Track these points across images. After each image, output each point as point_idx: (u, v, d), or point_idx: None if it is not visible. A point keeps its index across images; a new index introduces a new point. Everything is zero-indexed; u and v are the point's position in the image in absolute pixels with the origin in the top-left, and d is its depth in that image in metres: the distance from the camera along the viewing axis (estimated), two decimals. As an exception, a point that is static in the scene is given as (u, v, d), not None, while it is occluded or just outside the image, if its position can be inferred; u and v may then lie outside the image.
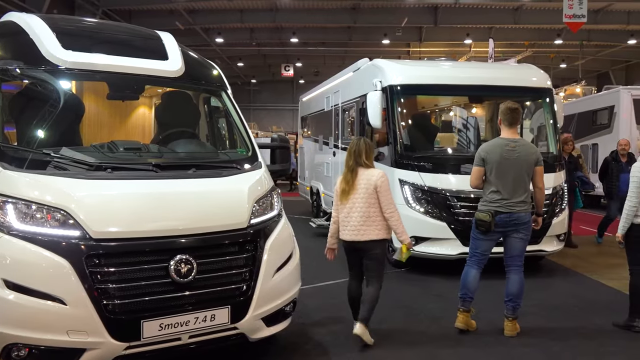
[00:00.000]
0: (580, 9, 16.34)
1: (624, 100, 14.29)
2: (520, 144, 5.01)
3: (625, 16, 23.47)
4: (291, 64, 32.69)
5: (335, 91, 10.82)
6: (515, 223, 4.91)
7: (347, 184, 4.74)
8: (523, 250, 5.03)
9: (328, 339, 4.90)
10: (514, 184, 4.89)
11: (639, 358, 4.52)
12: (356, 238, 4.70)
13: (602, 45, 28.63)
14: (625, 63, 33.39)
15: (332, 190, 10.65)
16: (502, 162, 4.90)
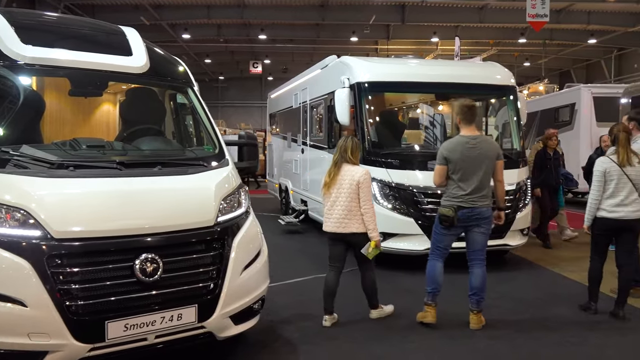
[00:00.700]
0: (542, 8, 16.72)
1: (584, 98, 14.69)
2: (480, 141, 5.10)
3: (586, 16, 24.11)
4: (259, 60, 32.52)
5: (303, 88, 10.82)
6: (477, 218, 5.01)
7: (329, 176, 5.06)
8: (485, 244, 5.14)
9: (297, 336, 4.90)
10: (475, 180, 4.97)
11: (598, 348, 4.66)
12: (337, 230, 5.02)
13: (564, 44, 29.36)
14: (586, 62, 34.33)
15: (301, 187, 10.69)
16: (463, 159, 4.99)
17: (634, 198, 5.23)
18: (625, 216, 5.23)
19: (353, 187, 4.94)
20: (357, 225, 4.98)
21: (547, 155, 8.89)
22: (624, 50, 29.96)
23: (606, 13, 24.02)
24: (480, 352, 4.59)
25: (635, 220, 5.26)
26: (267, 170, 15.29)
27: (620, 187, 5.22)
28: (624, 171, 5.21)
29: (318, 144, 9.66)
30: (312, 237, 10.15)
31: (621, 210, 5.23)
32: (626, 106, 12.25)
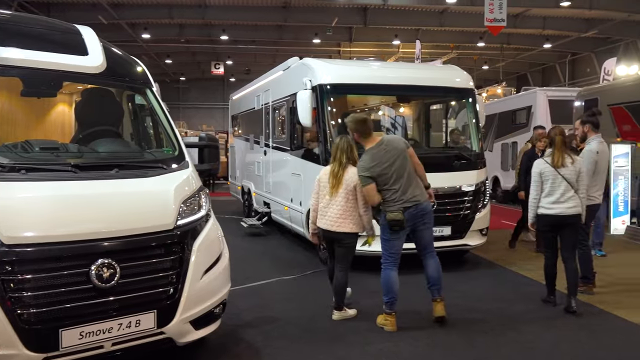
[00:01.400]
0: (500, 13, 17.11)
1: (540, 101, 15.12)
2: (387, 142, 5.25)
3: (541, 21, 24.83)
4: (221, 61, 32.23)
5: (265, 90, 10.77)
6: (422, 214, 5.16)
7: (335, 178, 5.21)
8: (431, 237, 5.36)
9: (259, 339, 4.87)
10: (403, 178, 5.10)
11: (553, 343, 4.79)
12: (331, 229, 5.23)
13: (521, 48, 30.14)
14: (542, 66, 35.35)
15: (264, 189, 10.63)
16: (385, 165, 5.09)
17: (570, 195, 5.61)
18: (562, 212, 5.61)
19: (350, 189, 5.16)
20: (351, 226, 5.21)
21: (535, 157, 7.98)
22: (577, 55, 30.99)
23: (560, 19, 24.80)
24: (440, 350, 4.65)
25: (572, 216, 5.63)
26: (230, 172, 15.15)
27: (556, 186, 5.62)
28: (558, 172, 5.61)
29: (281, 146, 9.63)
30: (275, 240, 10.11)
31: (558, 207, 5.62)
32: (579, 109, 12.69)
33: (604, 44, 28.11)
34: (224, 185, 20.44)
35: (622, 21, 24.00)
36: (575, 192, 5.63)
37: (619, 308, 5.72)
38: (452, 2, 20.83)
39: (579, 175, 5.66)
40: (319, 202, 5.41)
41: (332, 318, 5.41)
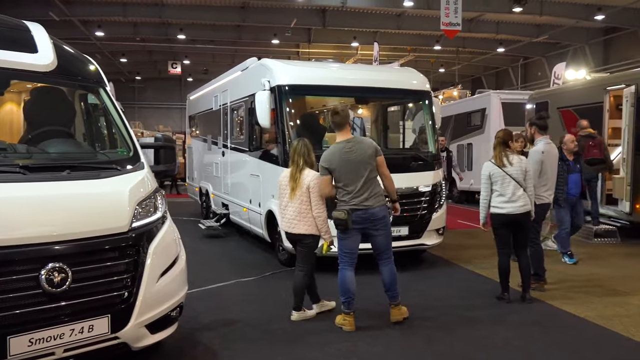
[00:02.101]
0: (455, 17, 17.49)
1: (493, 103, 15.53)
2: (355, 142, 5.23)
3: (495, 26, 25.54)
4: (178, 61, 31.77)
5: (223, 90, 10.67)
6: (372, 219, 5.13)
7: (295, 181, 5.25)
8: (388, 245, 5.29)
9: (217, 342, 4.82)
10: (360, 181, 5.09)
11: (506, 339, 4.92)
12: (290, 230, 5.36)
13: (476, 52, 30.92)
14: (496, 69, 36.33)
15: (222, 190, 10.53)
16: (343, 164, 5.12)
17: (520, 194, 5.84)
18: (513, 211, 5.84)
19: (303, 190, 5.21)
20: (306, 227, 5.26)
21: None
22: (529, 59, 32.00)
23: (513, 24, 25.56)
24: (398, 349, 4.72)
25: (523, 214, 5.87)
26: (187, 173, 14.94)
27: (505, 186, 5.84)
28: (505, 171, 5.82)
29: (239, 147, 9.56)
30: (233, 241, 10.03)
31: (509, 206, 5.85)
32: (530, 111, 13.09)
33: (554, 48, 29.14)
34: (182, 187, 20.16)
35: (571, 27, 24.93)
36: (524, 190, 5.86)
37: (569, 304, 5.93)
38: (409, 5, 21.16)
39: (526, 174, 5.89)
40: (280, 204, 5.52)
41: (291, 319, 5.42)
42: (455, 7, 17.32)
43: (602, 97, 10.09)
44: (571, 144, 7.93)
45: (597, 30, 26.14)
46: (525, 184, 5.87)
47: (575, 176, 7.85)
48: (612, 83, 10.12)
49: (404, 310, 5.35)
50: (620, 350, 4.68)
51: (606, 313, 5.60)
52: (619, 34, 25.26)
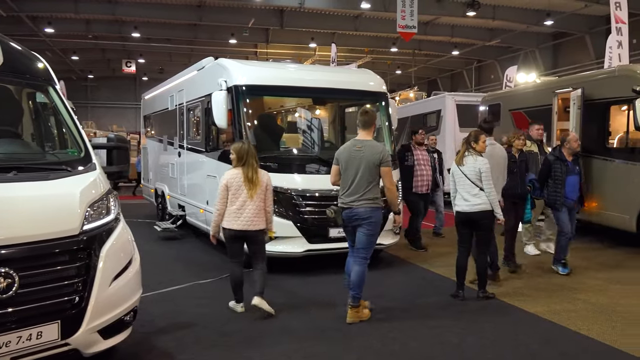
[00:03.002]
0: (411, 20, 17.78)
1: (448, 105, 15.85)
2: (366, 145, 5.35)
3: (450, 29, 26.11)
4: (133, 59, 31.10)
5: (179, 90, 10.51)
6: (356, 218, 5.29)
7: (252, 182, 5.46)
8: (367, 244, 5.34)
9: (173, 346, 4.74)
10: (354, 181, 5.27)
11: (460, 336, 5.02)
12: (249, 228, 5.47)
13: (431, 54, 31.51)
14: (451, 72, 37.12)
15: (179, 192, 10.36)
16: (348, 161, 5.34)
17: (474, 193, 5.97)
18: (467, 209, 6.00)
19: (263, 189, 5.54)
20: (263, 223, 5.59)
21: (511, 158, 7.33)
22: (482, 62, 32.85)
23: (467, 27, 26.19)
24: (354, 349, 4.75)
25: (477, 212, 5.98)
26: (142, 174, 14.63)
27: (461, 184, 6.05)
28: (461, 170, 6.04)
29: (196, 148, 9.43)
30: (190, 243, 9.89)
31: (464, 205, 6.03)
32: (484, 113, 13.43)
33: (506, 52, 30.02)
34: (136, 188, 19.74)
35: (522, 32, 25.74)
36: (480, 190, 5.94)
37: (521, 300, 6.11)
38: (366, 7, 21.37)
39: (480, 173, 5.95)
40: (230, 205, 5.51)
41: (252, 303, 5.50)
42: (411, 10, 17.60)
43: (551, 99, 10.44)
44: (575, 143, 7.30)
45: (546, 35, 27.08)
46: (482, 184, 5.94)
47: (574, 178, 7.27)
48: (561, 86, 10.49)
49: (366, 314, 5.40)
50: (568, 343, 4.85)
51: (555, 308, 5.80)
52: (567, 39, 26.23)
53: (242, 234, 5.54)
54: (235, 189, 5.49)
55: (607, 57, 15.09)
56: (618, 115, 9.20)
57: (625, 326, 5.21)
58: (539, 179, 7.49)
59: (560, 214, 7.25)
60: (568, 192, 7.19)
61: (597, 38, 22.92)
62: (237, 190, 5.48)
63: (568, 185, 7.18)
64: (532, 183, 7.47)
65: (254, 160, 5.57)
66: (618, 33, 14.07)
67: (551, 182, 7.29)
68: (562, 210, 7.21)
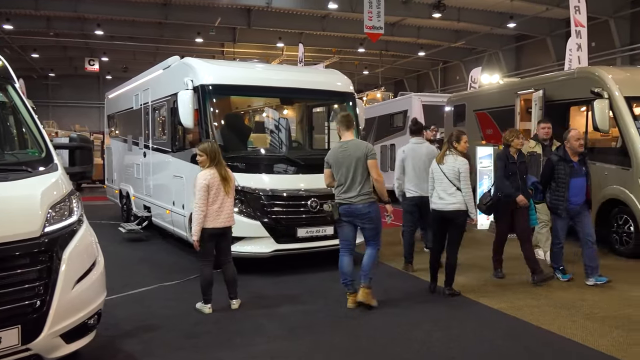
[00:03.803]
0: (378, 21, 17.93)
1: (415, 105, 16.04)
2: (350, 144, 5.75)
3: (416, 31, 26.42)
4: (96, 58, 30.45)
5: (144, 89, 10.34)
6: (356, 214, 5.66)
7: (225, 179, 5.60)
8: (375, 236, 5.82)
9: (139, 349, 4.66)
10: (348, 179, 5.63)
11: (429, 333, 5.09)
12: (229, 224, 5.67)
13: (398, 55, 31.82)
14: (417, 72, 37.58)
15: (144, 192, 10.20)
16: (338, 162, 5.71)
17: (450, 192, 6.05)
18: (442, 208, 6.12)
19: (234, 185, 5.80)
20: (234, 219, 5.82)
21: (509, 159, 6.81)
22: (448, 63, 33.36)
23: (433, 29, 26.56)
24: (323, 348, 4.76)
25: (451, 211, 6.07)
26: (106, 175, 14.33)
27: (439, 183, 6.15)
28: (441, 168, 6.13)
29: (162, 148, 9.30)
30: (156, 245, 9.74)
31: (439, 202, 6.15)
32: (449, 113, 13.65)
33: (470, 54, 30.56)
34: (101, 189, 19.32)
35: (486, 34, 26.24)
36: (457, 189, 6.03)
37: (485, 297, 6.22)
38: (333, 7, 21.44)
39: (459, 174, 6.03)
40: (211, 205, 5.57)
41: (232, 307, 5.74)
42: (377, 11, 17.75)
43: (513, 100, 10.68)
44: (575, 142, 6.60)
45: (509, 37, 27.68)
46: (459, 184, 6.02)
47: (580, 181, 6.60)
48: (523, 87, 10.74)
49: (369, 297, 5.70)
50: (530, 338, 4.97)
51: (518, 304, 5.93)
52: (529, 41, 26.86)
53: (221, 231, 5.66)
54: (216, 189, 5.58)
55: (567, 59, 15.52)
56: (577, 115, 9.46)
57: (584, 321, 5.37)
58: (541, 181, 6.90)
59: (559, 221, 6.70)
60: (572, 196, 6.55)
61: (558, 41, 23.54)
62: (217, 190, 5.59)
63: (572, 188, 6.53)
64: (534, 186, 6.83)
65: (221, 157, 5.73)
66: (577, 36, 14.48)
67: (554, 185, 6.68)
68: (562, 217, 6.63)
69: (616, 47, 21.72)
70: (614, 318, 5.40)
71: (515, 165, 6.74)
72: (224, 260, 5.83)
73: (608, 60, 20.87)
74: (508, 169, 6.71)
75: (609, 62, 20.40)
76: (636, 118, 8.27)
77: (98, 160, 20.12)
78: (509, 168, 6.71)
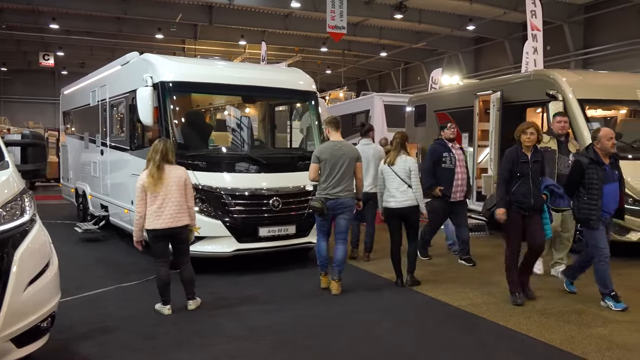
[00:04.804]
0: (341, 20, 17.98)
1: (377, 105, 16.18)
2: (344, 144, 6.40)
3: (378, 31, 26.64)
4: (51, 52, 29.52)
5: (102, 85, 10.09)
6: (341, 207, 6.24)
7: (152, 178, 5.41)
8: (347, 227, 6.47)
9: (94, 352, 4.54)
10: (339, 175, 6.18)
11: (389, 330, 5.15)
12: (172, 225, 5.46)
13: (360, 55, 32.03)
14: (379, 73, 37.91)
15: (101, 191, 9.95)
16: (331, 159, 6.18)
17: (403, 190, 6.45)
18: (397, 205, 6.47)
19: (181, 185, 5.51)
20: (188, 219, 5.59)
21: (521, 158, 5.74)
22: (409, 64, 33.77)
23: (394, 30, 26.84)
24: (284, 347, 4.75)
25: (405, 208, 6.46)
26: (62, 173, 13.92)
27: (391, 182, 6.52)
28: (392, 169, 6.50)
29: (120, 145, 9.09)
30: (113, 245, 9.52)
31: (393, 201, 6.49)
32: (410, 113, 13.82)
33: (431, 55, 31.04)
34: (56, 188, 18.73)
35: (446, 36, 26.70)
36: (408, 187, 6.44)
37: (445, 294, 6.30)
38: (296, 6, 21.41)
39: (410, 172, 6.45)
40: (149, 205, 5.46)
41: (188, 308, 5.65)
42: (340, 10, 17.80)
43: (472, 101, 10.89)
44: (608, 142, 5.61)
45: (469, 39, 28.23)
46: (410, 181, 6.45)
47: (613, 187, 5.64)
48: (482, 89, 10.96)
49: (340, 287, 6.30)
50: (487, 334, 5.07)
51: (476, 301, 6.05)
52: (487, 43, 27.46)
53: (166, 232, 5.48)
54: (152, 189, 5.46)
55: (524, 62, 15.96)
56: (533, 117, 9.72)
57: (539, 317, 5.52)
58: (566, 186, 5.87)
59: (595, 234, 5.60)
60: (606, 204, 5.58)
61: (515, 44, 24.14)
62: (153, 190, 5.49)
63: (607, 196, 5.56)
64: (549, 190, 5.90)
65: (159, 156, 5.46)
66: (534, 39, 14.88)
67: (584, 192, 5.64)
68: (597, 228, 5.58)
69: (570, 51, 22.43)
70: (567, 313, 5.58)
71: (526, 165, 5.69)
72: (180, 261, 5.71)
73: (562, 63, 21.54)
74: (518, 169, 5.68)
75: (563, 65, 21.06)
76: (588, 120, 8.55)
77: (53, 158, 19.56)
78: (518, 168, 5.68)
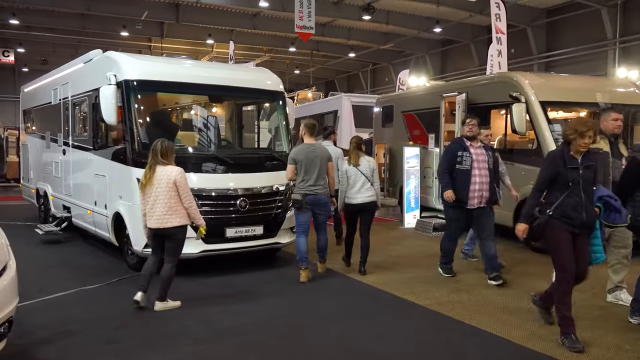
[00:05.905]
0: (309, 21, 17.98)
1: (345, 106, 16.26)
2: (317, 147, 7.00)
3: (346, 32, 26.78)
4: (11, 49, 28.68)
5: (64, 83, 9.84)
6: (318, 203, 6.84)
7: (145, 178, 5.57)
8: (324, 221, 7.07)
9: (55, 356, 4.43)
10: (315, 174, 6.76)
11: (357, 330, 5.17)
12: (161, 226, 5.54)
13: (329, 55, 32.12)
14: (347, 73, 38.08)
15: (63, 192, 9.71)
16: (306, 160, 6.77)
17: (367, 187, 7.17)
18: (361, 201, 7.19)
19: (170, 185, 5.52)
20: (179, 220, 5.59)
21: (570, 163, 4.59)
22: (377, 65, 34.02)
23: (363, 31, 27.01)
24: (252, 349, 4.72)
25: (368, 203, 7.21)
26: (22, 173, 13.53)
27: (356, 181, 7.17)
28: (358, 169, 7.17)
29: (83, 145, 8.88)
30: (76, 247, 9.30)
31: (359, 197, 7.18)
32: (378, 114, 13.92)
33: (399, 56, 31.35)
34: (16, 189, 18.20)
35: (414, 37, 27.00)
36: (371, 184, 7.18)
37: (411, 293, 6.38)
38: (264, 6, 21.33)
39: (373, 171, 7.23)
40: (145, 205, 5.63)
41: (155, 309, 5.62)
42: (308, 11, 17.80)
43: (439, 102, 11.04)
44: None
45: (436, 41, 28.62)
46: (373, 179, 7.20)
47: None
48: (447, 90, 11.12)
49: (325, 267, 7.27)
50: (453, 333, 5.14)
51: (442, 300, 6.14)
52: (454, 46, 27.89)
53: (157, 232, 5.62)
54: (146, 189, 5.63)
55: (489, 64, 16.26)
56: (498, 118, 9.92)
57: (502, 314, 5.63)
58: (619, 191, 4.88)
59: None
60: None
61: (481, 46, 24.58)
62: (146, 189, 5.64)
63: None
64: (603, 202, 4.74)
65: (152, 156, 5.66)
66: (498, 42, 15.18)
67: (638, 196, 4.88)
68: None
69: (533, 54, 22.97)
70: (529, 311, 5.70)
71: (576, 172, 4.52)
72: (165, 259, 5.79)
73: (526, 66, 22.04)
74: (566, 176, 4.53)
75: (526, 68, 21.55)
76: (550, 121, 8.76)
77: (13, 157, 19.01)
78: (565, 175, 4.53)
